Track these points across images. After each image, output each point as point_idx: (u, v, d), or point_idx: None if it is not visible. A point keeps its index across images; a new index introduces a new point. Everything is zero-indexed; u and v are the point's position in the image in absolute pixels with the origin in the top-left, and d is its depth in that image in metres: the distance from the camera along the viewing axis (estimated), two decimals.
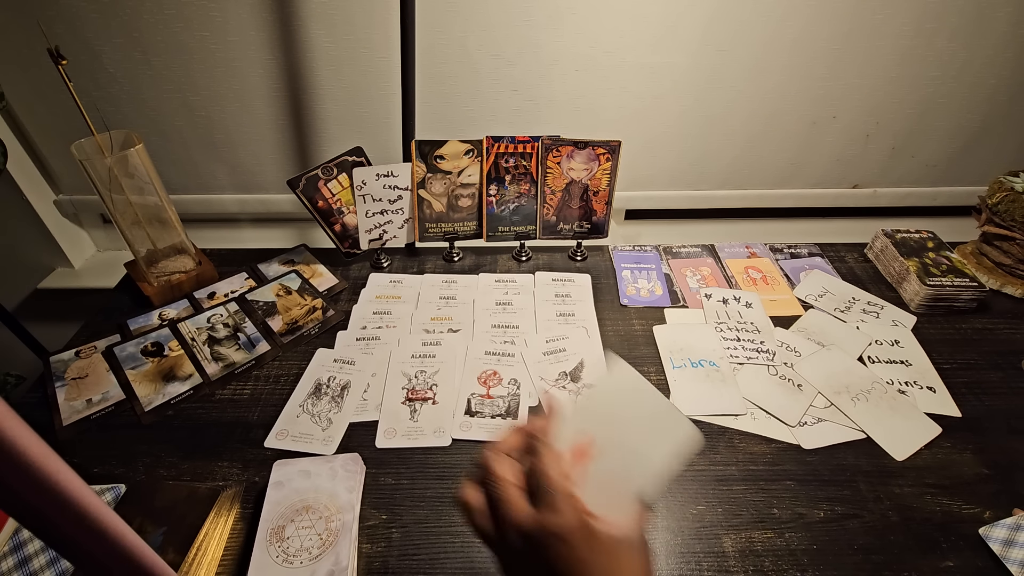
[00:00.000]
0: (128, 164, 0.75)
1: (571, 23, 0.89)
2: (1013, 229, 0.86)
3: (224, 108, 0.97)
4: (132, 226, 0.81)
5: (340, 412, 0.69)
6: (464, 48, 0.91)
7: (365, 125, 1.00)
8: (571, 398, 0.71)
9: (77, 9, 0.86)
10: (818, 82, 0.97)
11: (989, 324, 0.83)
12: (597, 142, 0.86)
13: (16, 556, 0.53)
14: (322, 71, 0.94)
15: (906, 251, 0.89)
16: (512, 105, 0.98)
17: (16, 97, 0.96)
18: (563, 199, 0.91)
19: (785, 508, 0.60)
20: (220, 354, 0.77)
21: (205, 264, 0.91)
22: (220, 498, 0.60)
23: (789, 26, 0.90)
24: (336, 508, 0.57)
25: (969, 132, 1.05)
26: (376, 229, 0.91)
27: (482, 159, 0.88)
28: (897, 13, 0.90)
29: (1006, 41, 0.94)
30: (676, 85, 0.96)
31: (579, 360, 0.76)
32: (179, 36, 0.89)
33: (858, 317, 0.84)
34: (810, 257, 0.97)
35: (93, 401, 0.71)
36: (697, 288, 0.90)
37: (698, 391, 0.72)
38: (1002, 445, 0.66)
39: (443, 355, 0.77)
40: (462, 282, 0.91)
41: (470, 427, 0.68)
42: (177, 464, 0.64)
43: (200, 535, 0.56)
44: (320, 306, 0.85)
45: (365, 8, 0.87)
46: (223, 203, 1.10)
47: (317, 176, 0.87)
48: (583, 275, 0.92)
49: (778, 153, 1.07)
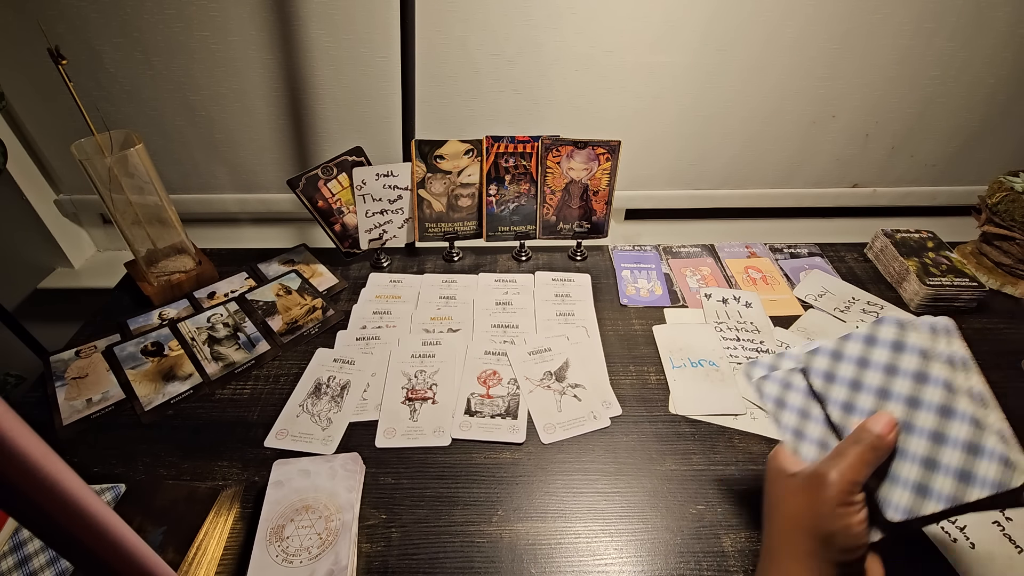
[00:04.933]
0: (128, 164, 0.75)
1: (571, 23, 0.89)
2: (1013, 229, 0.86)
3: (224, 108, 0.98)
4: (132, 226, 0.81)
5: (340, 412, 0.69)
6: (464, 48, 0.91)
7: (365, 125, 1.00)
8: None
9: (78, 9, 0.86)
10: (817, 82, 0.97)
11: (989, 324, 0.83)
12: (597, 142, 0.86)
13: (16, 556, 0.54)
14: (322, 71, 0.94)
15: (906, 251, 0.89)
16: (512, 105, 0.98)
17: (16, 97, 0.96)
18: (563, 199, 0.91)
19: None
20: (220, 354, 0.77)
21: (205, 264, 0.91)
22: (220, 497, 0.60)
23: (788, 26, 0.90)
24: (336, 507, 0.57)
25: (968, 131, 1.05)
26: (376, 229, 0.91)
27: (482, 159, 0.88)
28: (896, 13, 0.90)
29: (1005, 41, 0.94)
30: (676, 85, 0.97)
31: (564, 360, 0.76)
32: (179, 36, 0.89)
33: (858, 317, 0.84)
34: (810, 257, 0.97)
35: (93, 401, 0.71)
36: (697, 288, 0.90)
37: (698, 391, 0.72)
38: None
39: (443, 355, 0.77)
40: (462, 282, 0.91)
41: (470, 427, 0.68)
42: (177, 464, 0.64)
43: (200, 534, 0.56)
44: (320, 306, 0.85)
45: (365, 8, 0.87)
46: (223, 203, 1.10)
47: (317, 176, 0.87)
48: (583, 275, 0.92)
49: (777, 153, 1.07)
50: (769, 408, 0.50)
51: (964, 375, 0.42)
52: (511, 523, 0.58)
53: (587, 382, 0.73)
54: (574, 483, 0.62)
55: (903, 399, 0.42)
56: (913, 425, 0.41)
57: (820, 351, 0.47)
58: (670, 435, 0.67)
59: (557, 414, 0.69)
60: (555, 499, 0.61)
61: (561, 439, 0.66)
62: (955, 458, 0.39)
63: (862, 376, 0.44)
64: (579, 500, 0.61)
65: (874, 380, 0.44)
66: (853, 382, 0.45)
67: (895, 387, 0.43)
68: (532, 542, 0.57)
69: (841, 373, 0.46)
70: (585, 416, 0.69)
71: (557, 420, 0.68)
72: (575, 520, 0.59)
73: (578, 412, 0.69)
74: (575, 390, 0.72)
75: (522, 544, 0.57)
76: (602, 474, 0.63)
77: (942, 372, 0.41)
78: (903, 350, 0.43)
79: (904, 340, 0.43)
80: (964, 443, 0.39)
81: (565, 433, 0.67)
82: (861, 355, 0.45)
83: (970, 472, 0.38)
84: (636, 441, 0.66)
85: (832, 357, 0.46)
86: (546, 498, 0.61)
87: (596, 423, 0.68)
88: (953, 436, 0.39)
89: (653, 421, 0.69)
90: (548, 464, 0.64)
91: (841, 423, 0.44)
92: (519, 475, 0.63)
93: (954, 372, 0.41)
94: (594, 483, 0.62)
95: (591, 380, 0.74)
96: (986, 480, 0.38)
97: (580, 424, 0.68)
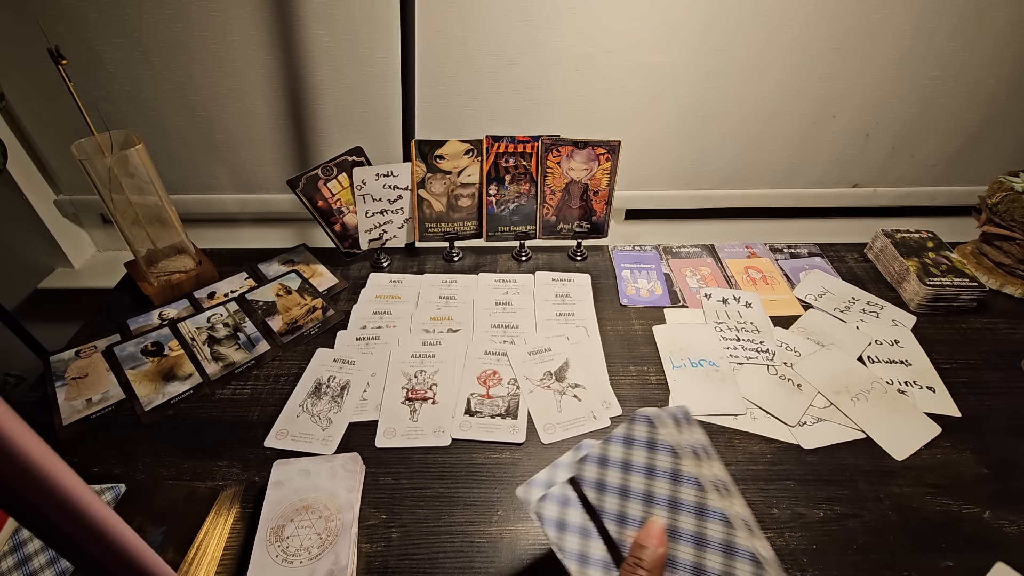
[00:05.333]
0: (128, 164, 0.75)
1: (571, 23, 0.89)
2: (1013, 229, 0.86)
3: (224, 108, 0.98)
4: (132, 226, 0.81)
5: (340, 412, 0.69)
6: (464, 48, 0.91)
7: (365, 125, 1.00)
8: (556, 397, 0.71)
9: (78, 9, 0.86)
10: (817, 82, 0.97)
11: (989, 324, 0.83)
12: (597, 142, 0.86)
13: (16, 556, 0.54)
14: (322, 71, 0.94)
15: (906, 251, 0.89)
16: (512, 105, 0.98)
17: (16, 97, 0.96)
18: (563, 199, 0.91)
19: (784, 508, 0.60)
20: (220, 354, 0.77)
21: (205, 264, 0.91)
22: (220, 497, 0.60)
23: (788, 26, 0.90)
24: (336, 508, 0.57)
25: (968, 132, 1.05)
26: (376, 229, 0.91)
27: (482, 159, 0.88)
28: (896, 13, 0.90)
29: (1005, 41, 0.94)
30: (676, 85, 0.97)
31: (564, 360, 0.76)
32: (179, 36, 0.89)
33: (858, 317, 0.84)
34: (810, 257, 0.97)
35: (93, 401, 0.71)
36: (697, 288, 0.90)
37: (698, 391, 0.72)
38: (1002, 445, 0.66)
39: (443, 355, 0.77)
40: (462, 282, 0.91)
41: (470, 427, 0.68)
42: (177, 464, 0.64)
43: (200, 534, 0.56)
44: (320, 306, 0.85)
45: (365, 8, 0.87)
46: (223, 203, 1.10)
47: (317, 176, 0.87)
48: (583, 275, 0.92)
49: (778, 153, 1.07)
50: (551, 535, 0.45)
51: (708, 464, 0.42)
52: (511, 523, 0.58)
53: (587, 382, 0.73)
54: None
55: (665, 503, 0.41)
56: (678, 530, 0.40)
57: (588, 459, 0.45)
58: None
59: (557, 414, 0.69)
60: None
61: (561, 439, 0.66)
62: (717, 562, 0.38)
63: (628, 481, 0.43)
64: None
65: (639, 485, 0.42)
66: (622, 489, 0.43)
67: (656, 490, 0.41)
68: (532, 542, 0.57)
69: (609, 480, 0.44)
70: (585, 416, 0.69)
71: (557, 420, 0.68)
72: None
73: (578, 412, 0.69)
74: (575, 390, 0.72)
75: (522, 544, 0.57)
76: None
77: (691, 468, 0.41)
78: (656, 448, 0.42)
79: (656, 438, 0.42)
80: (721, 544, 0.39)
81: (565, 433, 0.67)
82: (623, 459, 0.44)
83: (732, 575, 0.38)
84: None
85: (599, 464, 0.45)
86: None
87: (596, 423, 0.68)
88: (711, 538, 0.39)
89: None
90: (548, 464, 0.64)
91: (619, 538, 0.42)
92: (519, 475, 0.63)
93: (699, 464, 0.42)
94: None
95: (591, 380, 0.74)
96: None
97: (580, 424, 0.68)
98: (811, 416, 0.69)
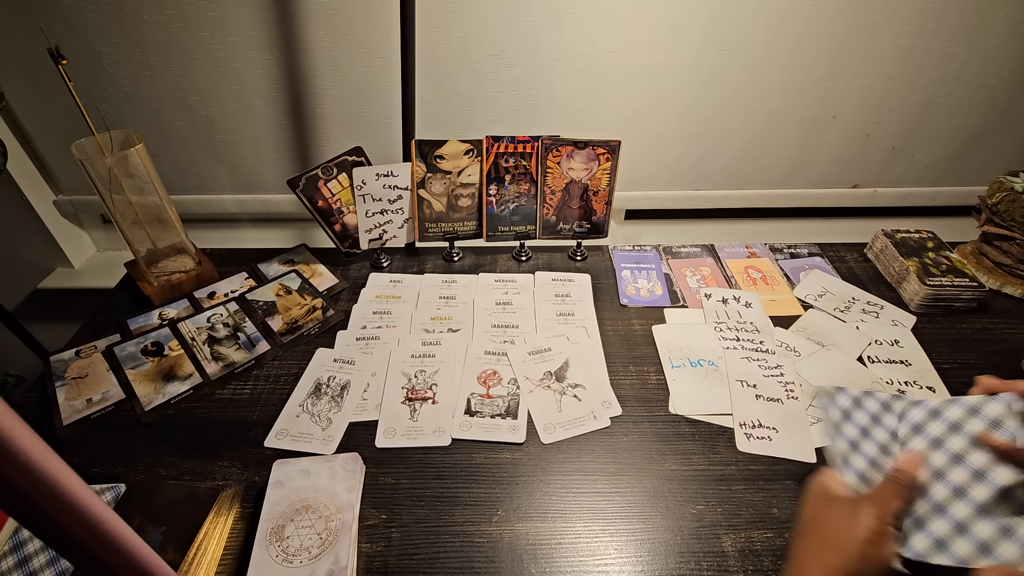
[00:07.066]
0: (128, 164, 0.75)
1: (571, 23, 0.89)
2: (1013, 229, 0.86)
3: (224, 108, 0.97)
4: (132, 226, 0.81)
5: (340, 412, 0.69)
6: (464, 48, 0.91)
7: (365, 125, 1.00)
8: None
9: (77, 9, 0.86)
10: (818, 82, 0.97)
11: (989, 324, 0.83)
12: (597, 142, 0.86)
13: (16, 556, 0.54)
14: (322, 71, 0.94)
15: (906, 251, 0.89)
16: (512, 105, 0.98)
17: (16, 97, 0.96)
18: (563, 199, 0.91)
19: (784, 508, 0.60)
20: (220, 354, 0.77)
21: (205, 264, 0.91)
22: (220, 497, 0.60)
23: (789, 26, 0.90)
24: (336, 507, 0.57)
25: (969, 132, 1.05)
26: (376, 229, 0.91)
27: (482, 159, 0.88)
28: (897, 13, 0.90)
29: (1006, 41, 0.94)
30: (676, 85, 0.96)
31: (564, 360, 0.76)
32: (179, 36, 0.89)
33: (858, 317, 0.84)
34: (810, 257, 0.97)
35: (93, 401, 0.71)
36: (697, 288, 0.90)
37: (697, 391, 0.72)
38: None
39: (443, 355, 0.77)
40: (462, 282, 0.91)
41: (470, 427, 0.68)
42: (177, 464, 0.64)
43: (200, 534, 0.56)
44: (320, 306, 0.85)
45: (365, 8, 0.87)
46: (223, 203, 1.10)
47: (317, 176, 0.87)
48: (583, 275, 0.92)
49: (778, 153, 1.07)
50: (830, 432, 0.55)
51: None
52: (511, 523, 0.58)
53: (587, 382, 0.73)
54: (574, 483, 0.62)
55: (972, 470, 0.44)
56: (966, 492, 0.44)
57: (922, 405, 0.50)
58: (670, 435, 0.67)
59: (557, 414, 0.69)
60: (555, 499, 0.61)
61: (561, 439, 0.66)
62: (986, 531, 0.42)
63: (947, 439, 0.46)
64: (579, 500, 0.61)
65: (955, 445, 0.46)
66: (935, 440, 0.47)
67: (971, 458, 0.45)
68: (532, 542, 0.57)
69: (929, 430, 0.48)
70: (585, 416, 0.69)
71: (557, 420, 0.68)
72: (575, 520, 0.59)
73: (578, 412, 0.69)
74: (575, 390, 0.72)
75: (522, 544, 0.57)
76: (602, 474, 0.63)
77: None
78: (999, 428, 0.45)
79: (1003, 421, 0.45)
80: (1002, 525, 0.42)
81: (565, 433, 0.67)
82: (957, 420, 0.47)
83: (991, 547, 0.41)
84: (636, 441, 0.66)
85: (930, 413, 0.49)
86: (546, 498, 0.61)
87: (596, 423, 0.68)
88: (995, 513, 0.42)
89: (653, 421, 0.69)
90: (548, 464, 0.64)
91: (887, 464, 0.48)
92: (519, 475, 0.63)
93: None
94: (594, 483, 0.62)
95: (591, 380, 0.74)
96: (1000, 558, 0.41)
97: (580, 424, 0.68)
98: (811, 416, 0.69)
